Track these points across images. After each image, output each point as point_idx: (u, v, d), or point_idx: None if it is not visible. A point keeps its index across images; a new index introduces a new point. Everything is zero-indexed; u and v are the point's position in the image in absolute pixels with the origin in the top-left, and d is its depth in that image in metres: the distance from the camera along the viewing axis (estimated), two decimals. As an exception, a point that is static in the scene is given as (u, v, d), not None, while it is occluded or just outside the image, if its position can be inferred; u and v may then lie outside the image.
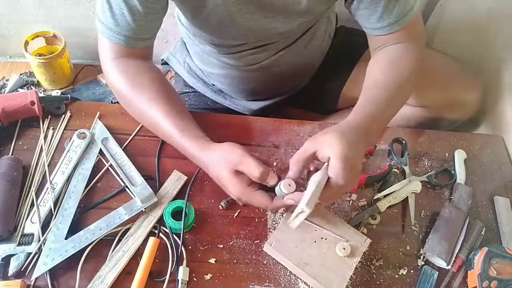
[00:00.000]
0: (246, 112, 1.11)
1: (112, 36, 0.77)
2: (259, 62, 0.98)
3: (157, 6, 0.75)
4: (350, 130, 0.71)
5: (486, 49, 1.14)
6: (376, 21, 0.83)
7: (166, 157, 0.84)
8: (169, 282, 0.70)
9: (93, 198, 0.77)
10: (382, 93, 0.79)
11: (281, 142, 0.90)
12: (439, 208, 0.83)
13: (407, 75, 0.82)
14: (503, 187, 0.90)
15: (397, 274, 0.76)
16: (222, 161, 0.70)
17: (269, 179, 0.69)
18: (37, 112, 0.83)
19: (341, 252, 0.73)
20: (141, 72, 0.80)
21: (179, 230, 0.74)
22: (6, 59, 1.62)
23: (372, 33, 0.87)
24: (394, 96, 0.80)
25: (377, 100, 0.78)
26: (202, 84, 1.11)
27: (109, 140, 0.83)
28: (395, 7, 0.80)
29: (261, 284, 0.72)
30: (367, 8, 0.82)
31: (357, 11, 0.84)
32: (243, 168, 0.69)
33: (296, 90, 1.13)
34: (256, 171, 0.67)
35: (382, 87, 0.80)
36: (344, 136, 0.68)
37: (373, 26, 0.85)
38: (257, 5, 0.79)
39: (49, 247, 0.69)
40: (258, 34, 0.88)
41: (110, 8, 0.74)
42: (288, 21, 0.85)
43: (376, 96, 0.79)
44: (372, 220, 0.82)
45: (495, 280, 0.73)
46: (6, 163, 0.75)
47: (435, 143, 0.95)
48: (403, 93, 0.83)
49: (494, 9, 1.11)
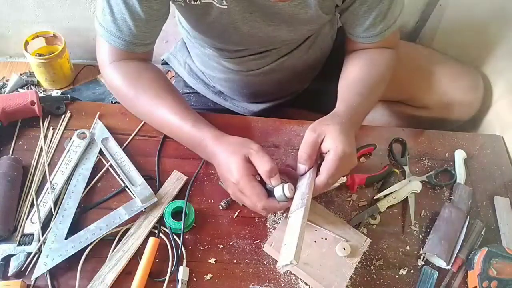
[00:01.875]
0: (246, 114, 1.11)
1: (112, 40, 0.77)
2: (261, 68, 0.97)
3: (159, 13, 0.75)
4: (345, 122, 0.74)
5: (486, 49, 1.14)
6: (361, 32, 0.87)
7: (166, 157, 0.84)
8: (169, 282, 0.70)
9: (93, 198, 0.77)
10: (362, 89, 0.83)
11: (281, 142, 0.90)
12: (439, 208, 0.83)
13: (385, 74, 0.88)
14: (503, 187, 0.90)
15: (397, 274, 0.76)
16: (237, 147, 0.71)
17: (274, 178, 0.69)
18: (37, 112, 0.83)
19: (341, 252, 0.73)
20: (142, 72, 0.80)
21: (179, 230, 0.74)
22: (6, 59, 1.62)
23: (354, 39, 0.91)
24: (375, 91, 0.85)
25: (359, 94, 0.82)
26: (202, 85, 1.11)
27: (109, 140, 0.83)
28: (381, 23, 0.84)
29: (261, 284, 0.72)
30: (357, 19, 0.85)
31: (347, 19, 0.87)
32: (256, 158, 0.69)
33: (297, 93, 1.13)
34: (268, 165, 0.68)
35: (362, 83, 0.84)
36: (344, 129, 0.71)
37: (358, 35, 0.89)
38: (262, 13, 0.79)
39: (49, 247, 0.69)
40: (261, 41, 0.88)
41: (111, 12, 0.74)
42: (292, 30, 0.85)
43: (358, 91, 0.82)
44: (372, 220, 0.82)
45: (495, 280, 0.73)
46: (6, 163, 0.75)
47: (435, 143, 0.95)
48: (381, 89, 0.87)
49: (494, 9, 1.11)
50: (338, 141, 0.69)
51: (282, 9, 0.78)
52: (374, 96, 0.85)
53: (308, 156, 0.70)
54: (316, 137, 0.70)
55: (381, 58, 0.89)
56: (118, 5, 0.72)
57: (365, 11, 0.82)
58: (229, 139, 0.74)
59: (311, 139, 0.71)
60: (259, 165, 0.69)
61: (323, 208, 0.79)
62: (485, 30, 1.14)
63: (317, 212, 0.77)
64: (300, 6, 0.78)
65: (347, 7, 0.83)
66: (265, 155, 0.69)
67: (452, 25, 1.26)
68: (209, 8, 0.76)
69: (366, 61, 0.89)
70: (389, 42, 0.90)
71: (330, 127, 0.71)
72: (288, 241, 0.64)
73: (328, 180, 0.69)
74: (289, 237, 0.64)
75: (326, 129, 0.71)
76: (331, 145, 0.69)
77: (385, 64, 0.89)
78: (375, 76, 0.86)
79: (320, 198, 0.82)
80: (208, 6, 0.76)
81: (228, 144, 0.73)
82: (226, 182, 0.73)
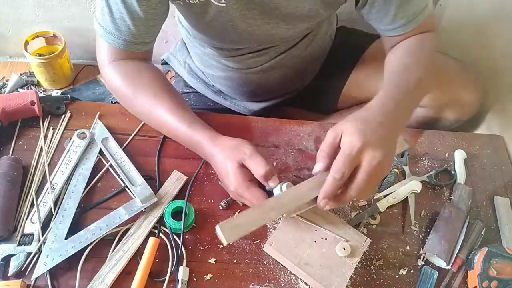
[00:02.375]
0: (246, 113, 1.11)
1: (111, 39, 0.77)
2: (260, 65, 0.98)
3: (157, 12, 0.75)
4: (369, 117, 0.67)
5: (486, 49, 1.14)
6: (389, 22, 0.83)
7: (166, 157, 0.84)
8: (169, 282, 0.70)
9: (93, 198, 0.77)
10: (402, 77, 0.76)
11: (281, 142, 0.90)
12: (439, 208, 0.83)
13: (427, 60, 0.81)
14: (503, 187, 0.90)
15: (397, 274, 0.76)
16: (231, 152, 0.71)
17: (271, 180, 0.69)
18: (37, 112, 0.83)
19: (341, 252, 0.73)
20: (141, 72, 0.80)
21: (179, 230, 0.74)
22: (6, 59, 1.62)
23: (386, 34, 0.87)
24: (415, 80, 0.76)
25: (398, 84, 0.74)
26: (202, 84, 1.11)
27: (109, 140, 0.83)
28: (408, 8, 0.80)
29: (261, 284, 0.72)
30: (380, 11, 0.81)
31: (369, 14, 0.84)
32: (250, 163, 0.69)
33: (297, 91, 1.13)
34: (263, 169, 0.68)
35: (401, 72, 0.77)
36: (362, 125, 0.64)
37: (387, 28, 0.84)
38: (261, 11, 0.79)
39: (49, 247, 0.69)
40: (260, 39, 0.88)
41: (110, 12, 0.74)
42: (290, 27, 0.85)
43: (397, 80, 0.75)
44: (372, 220, 0.82)
45: (495, 280, 0.73)
46: (6, 163, 0.75)
47: (435, 143, 0.95)
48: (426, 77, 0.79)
49: (494, 9, 1.11)
50: (349, 136, 0.63)
51: (280, 4, 0.78)
52: (415, 86, 0.75)
53: (324, 155, 0.66)
54: (334, 136, 0.66)
55: (420, 45, 0.82)
56: (116, 4, 0.72)
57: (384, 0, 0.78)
58: (224, 141, 0.73)
59: (328, 137, 0.66)
60: (254, 169, 0.69)
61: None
62: (485, 30, 1.14)
63: (317, 212, 0.77)
64: (298, 1, 0.78)
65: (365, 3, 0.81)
66: (259, 158, 0.68)
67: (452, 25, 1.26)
68: (208, 7, 0.76)
69: (402, 54, 0.83)
70: (427, 27, 0.84)
71: (347, 123, 0.65)
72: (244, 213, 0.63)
73: (335, 176, 0.62)
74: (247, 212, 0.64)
75: (344, 126, 0.66)
76: (343, 141, 0.64)
77: (426, 49, 0.82)
78: (415, 63, 0.79)
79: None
80: (207, 4, 0.76)
81: (223, 148, 0.72)
82: (225, 186, 0.74)
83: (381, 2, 0.79)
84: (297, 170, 0.86)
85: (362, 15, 0.86)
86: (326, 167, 0.66)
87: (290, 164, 0.87)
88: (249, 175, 0.70)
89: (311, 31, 0.96)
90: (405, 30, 0.83)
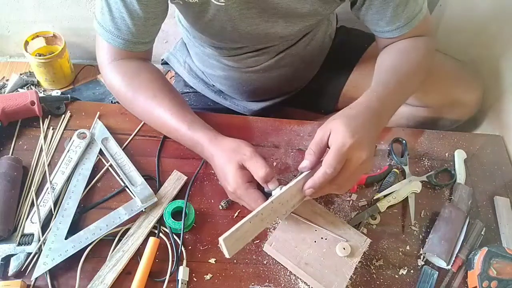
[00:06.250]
0: (246, 113, 1.11)
1: (111, 38, 0.77)
2: (259, 64, 0.98)
3: (157, 11, 0.75)
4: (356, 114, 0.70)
5: (486, 49, 1.14)
6: (385, 25, 0.84)
7: (166, 157, 0.84)
8: (169, 282, 0.70)
9: (93, 198, 0.77)
10: (391, 77, 0.78)
11: (281, 142, 0.90)
12: (439, 208, 0.83)
13: (417, 61, 0.83)
14: (503, 187, 0.90)
15: (397, 274, 0.76)
16: (231, 153, 0.71)
17: (271, 182, 0.69)
18: (37, 112, 0.83)
19: (341, 252, 0.73)
20: (141, 72, 0.80)
21: (179, 230, 0.74)
22: (6, 59, 1.62)
23: (381, 36, 0.88)
24: (404, 81, 0.79)
25: (387, 83, 0.77)
26: (202, 84, 1.11)
27: (109, 140, 0.83)
28: (404, 11, 0.81)
29: (261, 284, 0.72)
30: (376, 13, 0.82)
31: (365, 16, 0.85)
32: (249, 165, 0.69)
33: (296, 91, 1.13)
34: (262, 171, 0.68)
35: (391, 71, 0.80)
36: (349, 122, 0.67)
37: (383, 30, 0.85)
38: (260, 9, 0.79)
39: (49, 247, 0.69)
40: (259, 38, 0.88)
41: (109, 11, 0.74)
42: (289, 25, 0.85)
43: (386, 79, 0.78)
44: (372, 220, 0.82)
45: (495, 280, 0.73)
46: (6, 163, 0.75)
47: (435, 143, 0.95)
48: (413, 78, 0.82)
49: (494, 9, 1.11)
50: (339, 133, 0.66)
51: (279, 3, 0.78)
52: (403, 86, 0.79)
53: (311, 152, 0.68)
54: (323, 134, 0.68)
55: (414, 45, 0.84)
56: (116, 3, 0.72)
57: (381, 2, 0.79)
58: (223, 142, 0.73)
59: (317, 136, 0.69)
60: (253, 171, 0.69)
61: (323, 208, 0.79)
62: (485, 30, 1.14)
63: (317, 212, 0.77)
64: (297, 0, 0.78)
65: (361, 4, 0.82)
66: (259, 160, 0.69)
67: (452, 25, 1.26)
68: (207, 6, 0.76)
69: (394, 53, 0.85)
70: (422, 30, 0.86)
71: (335, 121, 0.68)
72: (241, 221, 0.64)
73: (326, 170, 0.64)
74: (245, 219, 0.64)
75: (331, 124, 0.68)
76: (332, 138, 0.67)
77: (419, 51, 0.84)
78: (405, 64, 0.81)
79: (320, 198, 0.82)
80: (206, 3, 0.76)
81: (223, 150, 0.72)
82: (224, 186, 0.74)
83: (378, 5, 0.80)
84: (297, 170, 0.86)
85: (358, 16, 0.86)
86: (313, 164, 0.68)
87: (290, 164, 0.87)
88: (248, 177, 0.70)
89: (310, 30, 0.96)
90: (400, 32, 0.84)
